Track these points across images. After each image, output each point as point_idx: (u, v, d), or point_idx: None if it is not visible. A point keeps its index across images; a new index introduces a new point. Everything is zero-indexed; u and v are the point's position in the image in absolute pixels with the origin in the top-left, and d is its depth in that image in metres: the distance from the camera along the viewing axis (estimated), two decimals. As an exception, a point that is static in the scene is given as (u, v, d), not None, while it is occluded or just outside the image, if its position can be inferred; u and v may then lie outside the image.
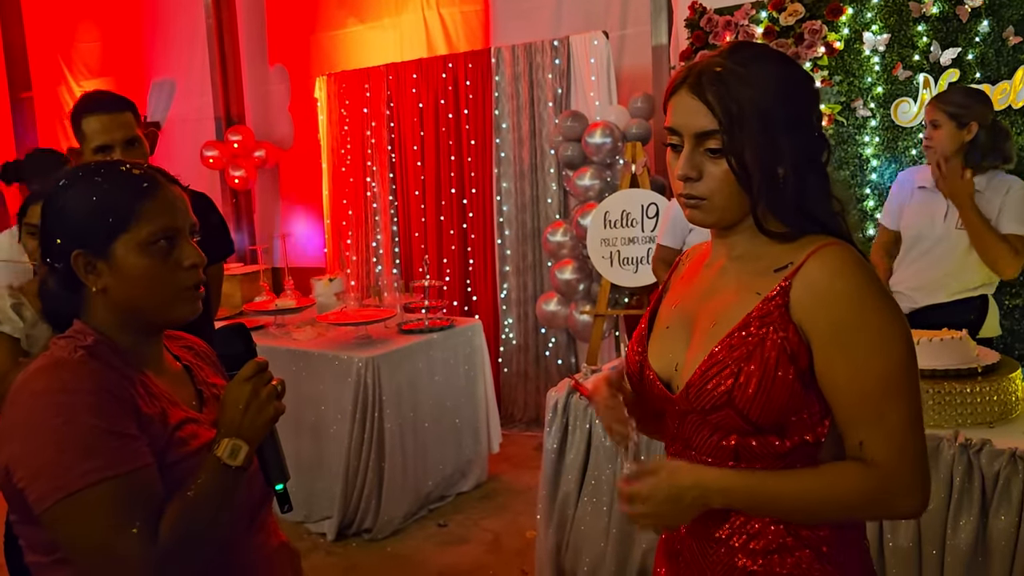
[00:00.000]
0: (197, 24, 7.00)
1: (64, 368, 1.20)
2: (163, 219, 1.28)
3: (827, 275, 1.17)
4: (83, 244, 1.25)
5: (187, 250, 1.30)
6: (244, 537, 1.36)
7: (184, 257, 1.30)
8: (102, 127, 2.40)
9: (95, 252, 1.26)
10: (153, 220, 1.27)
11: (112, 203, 1.26)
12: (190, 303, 1.32)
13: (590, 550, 3.04)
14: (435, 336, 4.20)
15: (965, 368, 2.40)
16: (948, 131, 2.93)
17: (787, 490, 1.19)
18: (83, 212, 1.26)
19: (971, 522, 2.25)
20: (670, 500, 1.21)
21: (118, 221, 1.25)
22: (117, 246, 1.25)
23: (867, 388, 1.15)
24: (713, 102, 1.17)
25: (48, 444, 1.14)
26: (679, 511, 1.22)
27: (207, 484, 1.21)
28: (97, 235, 1.25)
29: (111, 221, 1.25)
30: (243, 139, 6.74)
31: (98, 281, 1.27)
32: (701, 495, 1.20)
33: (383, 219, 6.13)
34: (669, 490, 1.21)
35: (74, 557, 1.17)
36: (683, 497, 1.21)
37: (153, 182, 1.29)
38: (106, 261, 1.26)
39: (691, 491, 1.21)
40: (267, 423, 1.27)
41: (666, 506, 1.21)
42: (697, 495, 1.21)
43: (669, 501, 1.21)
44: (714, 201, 1.22)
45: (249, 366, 1.28)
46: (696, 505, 1.21)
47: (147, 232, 1.26)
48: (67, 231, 1.26)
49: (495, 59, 5.40)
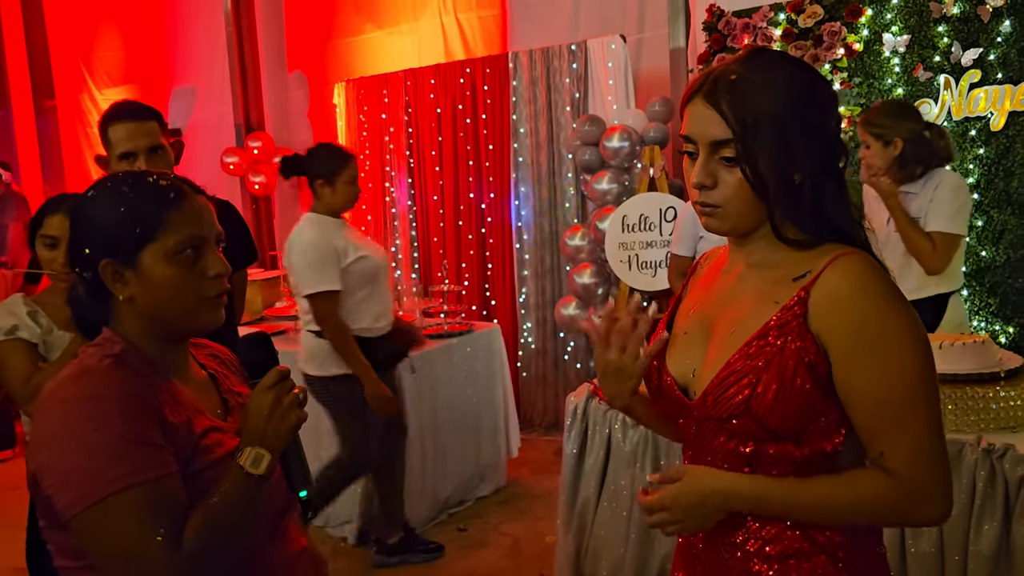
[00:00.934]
0: (217, 32, 7.05)
1: (92, 376, 1.22)
2: (189, 229, 1.29)
3: (846, 285, 1.16)
4: (111, 254, 1.27)
5: (212, 259, 1.32)
6: (268, 544, 1.37)
7: (209, 267, 1.31)
8: (127, 135, 2.44)
9: (123, 261, 1.27)
10: (180, 230, 1.28)
11: (140, 213, 1.27)
12: (214, 312, 1.33)
13: (609, 555, 3.03)
14: (454, 341, 4.21)
15: (988, 372, 2.37)
16: (875, 150, 3.05)
17: (808, 497, 1.19)
18: (111, 222, 1.27)
19: (994, 528, 2.23)
20: (692, 507, 1.23)
21: (145, 231, 1.27)
22: (144, 255, 1.27)
23: (887, 398, 1.15)
24: (727, 111, 1.17)
25: (76, 451, 1.16)
26: (701, 516, 1.24)
27: (231, 492, 1.22)
28: (125, 245, 1.27)
29: (139, 231, 1.27)
30: (263, 145, 6.79)
31: (125, 290, 1.29)
32: (723, 501, 1.22)
33: (402, 224, 6.16)
34: (691, 497, 1.23)
35: (101, 563, 1.19)
36: (705, 504, 1.22)
37: (179, 192, 1.31)
38: (133, 270, 1.28)
39: (712, 497, 1.22)
40: (289, 431, 1.28)
41: (688, 513, 1.23)
42: (719, 501, 1.22)
43: (692, 508, 1.23)
44: (729, 209, 1.22)
45: (271, 374, 1.30)
46: (717, 510, 1.23)
47: (174, 242, 1.28)
48: (96, 241, 1.28)
49: (512, 64, 5.41)
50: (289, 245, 3.39)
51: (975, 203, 3.84)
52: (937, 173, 3.04)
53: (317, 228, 3.34)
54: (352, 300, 3.35)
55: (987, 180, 3.81)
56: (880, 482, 1.16)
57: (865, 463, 1.21)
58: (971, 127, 3.82)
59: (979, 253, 3.86)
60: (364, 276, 3.37)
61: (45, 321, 2.29)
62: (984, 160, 3.81)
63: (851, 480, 1.19)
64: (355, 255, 3.34)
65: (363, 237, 3.61)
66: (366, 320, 3.40)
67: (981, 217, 3.84)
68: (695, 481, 1.24)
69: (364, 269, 3.37)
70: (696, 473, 1.25)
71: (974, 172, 3.83)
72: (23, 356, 2.22)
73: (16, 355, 2.22)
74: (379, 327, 3.46)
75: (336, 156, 3.40)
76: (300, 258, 3.31)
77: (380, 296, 3.48)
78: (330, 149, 3.45)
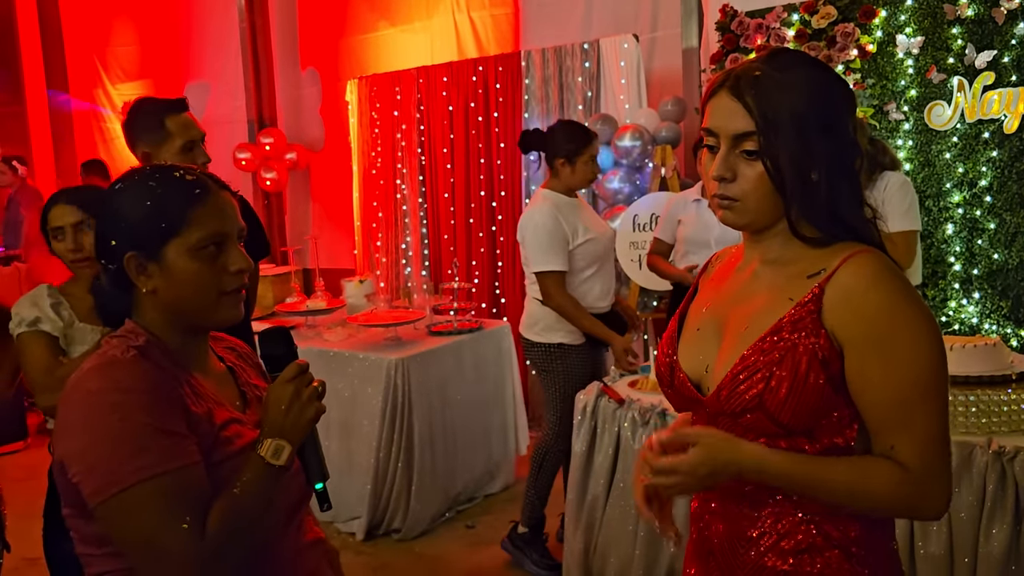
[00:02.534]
0: (231, 28, 7.09)
1: (117, 367, 1.24)
2: (213, 224, 1.31)
3: (862, 283, 1.18)
4: (136, 246, 1.29)
5: (234, 255, 1.33)
6: (283, 535, 1.38)
7: (231, 262, 1.32)
8: (187, 124, 2.56)
9: (147, 254, 1.29)
10: (204, 225, 1.30)
11: (165, 208, 1.29)
12: (234, 307, 1.35)
13: (618, 553, 3.04)
14: (464, 338, 4.23)
15: (999, 375, 2.37)
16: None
17: (820, 473, 1.19)
18: (137, 215, 1.29)
19: (1004, 530, 2.23)
20: (709, 476, 1.22)
21: (171, 226, 1.28)
22: (168, 250, 1.28)
23: (900, 395, 1.16)
24: (751, 104, 1.19)
25: (102, 441, 1.18)
26: (711, 483, 1.24)
27: (252, 482, 1.24)
28: (150, 239, 1.28)
29: (164, 226, 1.28)
30: (275, 141, 6.82)
31: (148, 283, 1.30)
32: (738, 471, 1.22)
33: (413, 221, 6.17)
34: (712, 465, 1.21)
35: (125, 550, 1.21)
36: (720, 473, 1.22)
37: (205, 188, 1.32)
38: (157, 263, 1.29)
39: (728, 467, 1.22)
40: (308, 423, 1.30)
41: (703, 481, 1.23)
42: (734, 471, 1.22)
43: (708, 477, 1.22)
44: (747, 203, 1.23)
45: (291, 367, 1.32)
46: (726, 474, 1.22)
47: (198, 237, 1.29)
48: (121, 233, 1.30)
49: (525, 62, 5.42)
50: (524, 220, 3.49)
51: (987, 206, 3.83)
52: (883, 176, 3.19)
53: (552, 208, 3.41)
54: (578, 279, 3.47)
55: (1000, 183, 3.80)
56: (891, 471, 1.17)
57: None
58: (984, 129, 3.81)
59: (991, 256, 3.85)
60: (591, 256, 3.48)
61: (67, 313, 2.32)
62: (997, 163, 3.80)
63: (864, 464, 1.19)
64: (584, 237, 3.44)
65: (594, 215, 3.69)
66: (590, 298, 3.48)
67: (994, 220, 3.83)
68: (712, 451, 1.21)
69: (592, 250, 3.47)
70: (711, 441, 1.23)
71: (987, 175, 3.82)
72: (44, 348, 2.25)
73: (37, 347, 2.25)
74: (602, 306, 3.55)
75: (578, 135, 3.45)
76: (532, 236, 3.41)
77: (605, 275, 3.58)
78: (572, 127, 3.49)
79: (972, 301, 3.91)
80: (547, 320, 3.49)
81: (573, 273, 3.44)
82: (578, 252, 3.42)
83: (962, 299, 3.93)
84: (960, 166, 3.88)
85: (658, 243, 3.86)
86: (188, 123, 2.56)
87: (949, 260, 3.94)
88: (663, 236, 3.83)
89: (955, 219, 3.91)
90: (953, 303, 3.95)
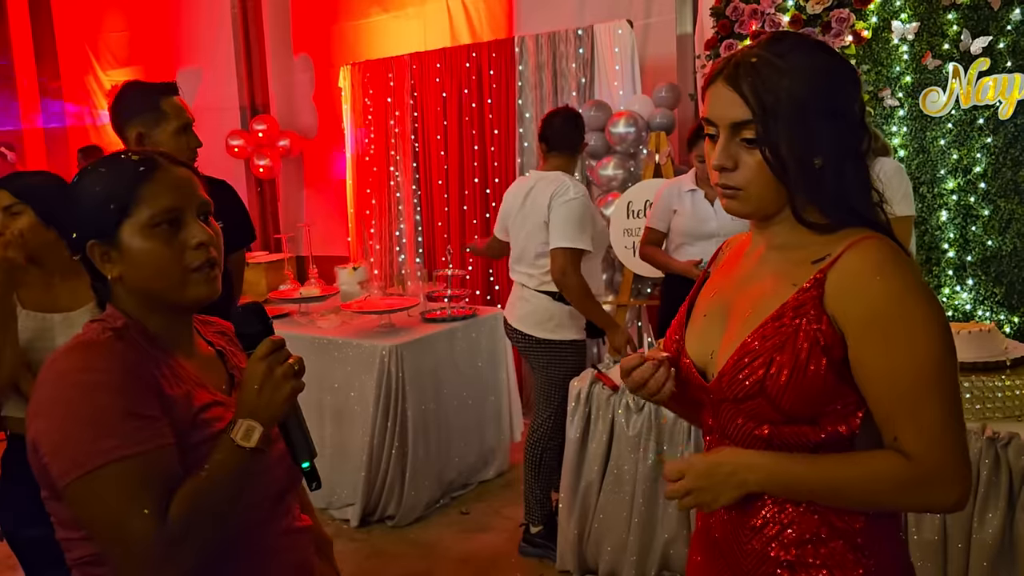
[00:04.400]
0: (222, 14, 7.04)
1: (90, 348, 1.22)
2: (163, 200, 1.27)
3: (864, 268, 1.16)
4: (94, 234, 1.27)
5: (193, 229, 1.29)
6: (268, 521, 1.36)
7: (190, 236, 1.29)
8: (181, 107, 2.59)
9: (106, 240, 1.27)
10: (152, 202, 1.27)
11: (113, 189, 1.27)
12: (204, 284, 1.31)
13: (612, 539, 3.05)
14: (458, 325, 4.22)
15: (993, 361, 2.38)
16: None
17: (822, 475, 1.19)
18: (89, 203, 1.28)
19: (998, 516, 2.24)
20: (707, 474, 1.25)
21: (120, 206, 1.26)
22: (123, 232, 1.26)
23: (904, 382, 1.14)
24: (748, 92, 1.17)
25: (70, 421, 1.16)
26: (713, 486, 1.25)
27: (220, 465, 1.20)
28: (105, 223, 1.27)
29: (113, 207, 1.26)
30: (268, 128, 6.79)
31: (113, 269, 1.28)
32: (733, 471, 1.23)
33: (406, 208, 6.15)
34: (705, 465, 1.25)
35: (91, 533, 1.19)
36: (716, 472, 1.24)
37: (151, 164, 1.30)
38: (117, 249, 1.27)
39: (724, 467, 1.23)
40: (283, 402, 1.24)
41: (704, 480, 1.25)
42: (730, 471, 1.23)
43: (706, 475, 1.25)
44: (750, 191, 1.22)
45: (264, 344, 1.26)
46: (730, 483, 1.23)
47: (147, 215, 1.26)
48: (80, 223, 1.29)
49: (519, 48, 5.39)
50: (553, 194, 3.37)
51: (982, 192, 3.84)
52: (876, 161, 3.21)
53: (584, 189, 3.42)
54: (588, 266, 3.43)
55: (994, 169, 3.80)
56: (895, 463, 1.16)
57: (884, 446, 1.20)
58: (979, 115, 3.80)
59: (985, 242, 3.85)
60: (600, 243, 3.49)
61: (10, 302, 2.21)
62: (992, 149, 3.79)
63: (867, 459, 1.19)
64: (598, 225, 3.45)
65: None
66: (593, 286, 3.44)
67: (988, 206, 3.83)
68: (712, 453, 1.27)
69: (601, 239, 3.49)
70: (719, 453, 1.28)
71: (981, 161, 3.82)
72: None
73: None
74: (600, 296, 3.53)
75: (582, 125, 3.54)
76: (567, 209, 3.33)
77: (600, 264, 3.58)
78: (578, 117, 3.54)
79: (966, 288, 3.92)
80: (561, 316, 3.44)
81: (587, 259, 3.40)
82: (594, 238, 3.40)
83: (956, 286, 3.94)
84: (955, 152, 3.87)
85: (651, 233, 3.81)
86: (181, 106, 2.57)
87: (943, 247, 3.94)
88: (657, 225, 3.78)
89: (949, 205, 3.91)
90: (947, 289, 3.95)
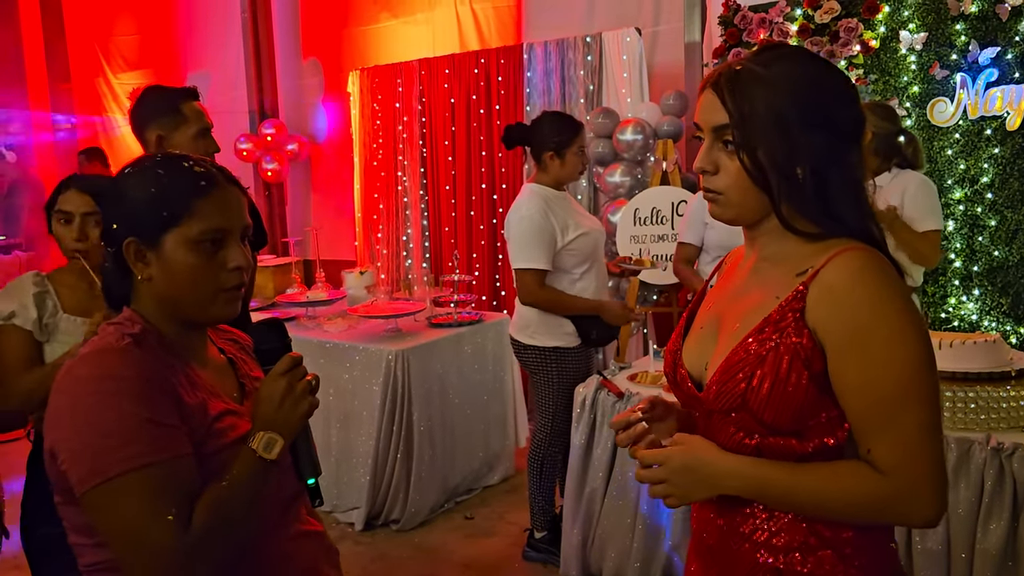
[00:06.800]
0: (232, 18, 7.08)
1: (110, 355, 1.22)
2: (215, 219, 1.29)
3: (844, 280, 1.16)
4: (136, 232, 1.28)
5: (234, 252, 1.31)
6: (278, 529, 1.37)
7: (230, 259, 1.30)
8: (201, 112, 2.60)
9: (146, 241, 1.28)
10: (205, 219, 1.28)
11: (169, 196, 1.27)
12: (229, 304, 1.33)
13: (616, 546, 3.05)
14: (464, 330, 4.23)
15: (998, 371, 2.38)
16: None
17: (799, 484, 1.19)
18: (141, 201, 1.28)
19: (1001, 526, 2.24)
20: (684, 470, 1.24)
21: (172, 214, 1.27)
22: (167, 239, 1.27)
23: (878, 394, 1.13)
24: (727, 98, 1.20)
25: (89, 429, 1.16)
26: (692, 483, 1.24)
27: (241, 475, 1.23)
28: (150, 226, 1.27)
29: (165, 214, 1.27)
30: (276, 132, 6.82)
31: (145, 270, 1.29)
32: (712, 473, 1.22)
33: (414, 213, 6.17)
34: (684, 458, 1.24)
35: (109, 541, 1.19)
36: (696, 469, 1.23)
37: (211, 181, 1.30)
38: (155, 252, 1.28)
39: (705, 467, 1.23)
40: (301, 418, 1.29)
41: (676, 475, 1.24)
42: (709, 472, 1.23)
43: (683, 471, 1.24)
44: (730, 196, 1.24)
45: (284, 361, 1.30)
46: (705, 484, 1.23)
47: (198, 230, 1.27)
48: (123, 217, 1.29)
49: (527, 55, 5.41)
50: (510, 215, 3.33)
51: (989, 203, 3.84)
52: (904, 174, 3.16)
53: (540, 203, 3.26)
54: (571, 277, 3.33)
55: (1001, 180, 3.80)
56: (870, 477, 1.15)
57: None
58: (987, 126, 3.81)
59: (992, 253, 3.85)
60: (584, 252, 3.33)
61: (53, 303, 2.27)
62: (999, 159, 3.79)
63: (844, 471, 1.18)
64: (575, 232, 3.28)
65: (582, 210, 3.51)
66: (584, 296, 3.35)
67: (995, 217, 3.83)
68: (690, 448, 1.25)
69: (585, 245, 3.32)
70: (695, 443, 1.26)
71: (988, 171, 3.82)
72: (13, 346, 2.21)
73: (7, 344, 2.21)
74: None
75: (566, 126, 3.31)
76: (517, 230, 3.26)
77: (598, 272, 3.42)
78: (558, 118, 3.34)
79: (972, 298, 3.92)
80: (536, 324, 3.36)
81: (566, 271, 3.30)
82: (571, 248, 3.27)
83: (962, 296, 3.94)
84: (962, 163, 3.87)
85: (684, 248, 3.56)
86: (201, 111, 2.60)
87: (949, 257, 3.94)
88: (690, 239, 3.53)
89: (956, 216, 3.91)
90: (953, 300, 3.95)
